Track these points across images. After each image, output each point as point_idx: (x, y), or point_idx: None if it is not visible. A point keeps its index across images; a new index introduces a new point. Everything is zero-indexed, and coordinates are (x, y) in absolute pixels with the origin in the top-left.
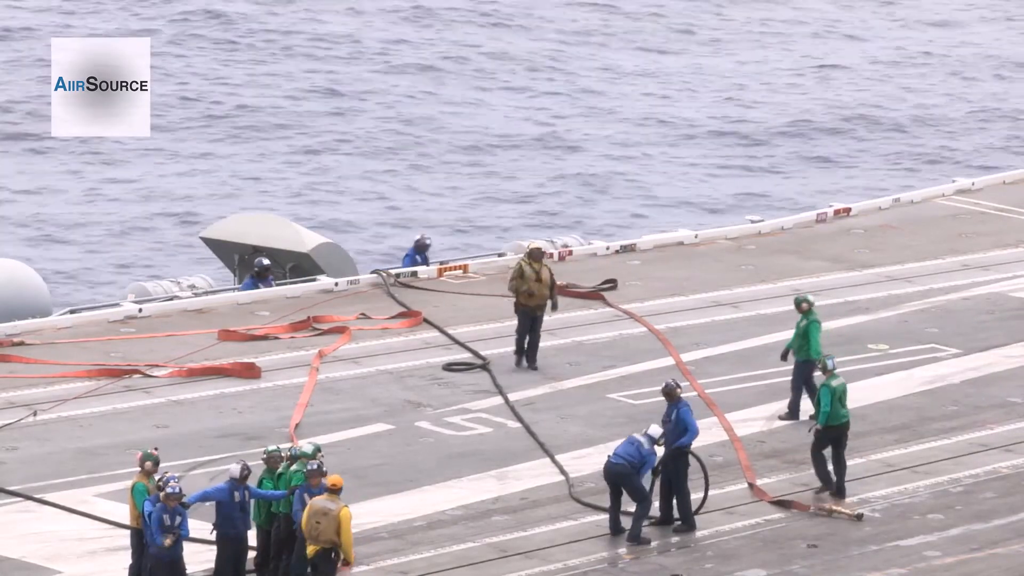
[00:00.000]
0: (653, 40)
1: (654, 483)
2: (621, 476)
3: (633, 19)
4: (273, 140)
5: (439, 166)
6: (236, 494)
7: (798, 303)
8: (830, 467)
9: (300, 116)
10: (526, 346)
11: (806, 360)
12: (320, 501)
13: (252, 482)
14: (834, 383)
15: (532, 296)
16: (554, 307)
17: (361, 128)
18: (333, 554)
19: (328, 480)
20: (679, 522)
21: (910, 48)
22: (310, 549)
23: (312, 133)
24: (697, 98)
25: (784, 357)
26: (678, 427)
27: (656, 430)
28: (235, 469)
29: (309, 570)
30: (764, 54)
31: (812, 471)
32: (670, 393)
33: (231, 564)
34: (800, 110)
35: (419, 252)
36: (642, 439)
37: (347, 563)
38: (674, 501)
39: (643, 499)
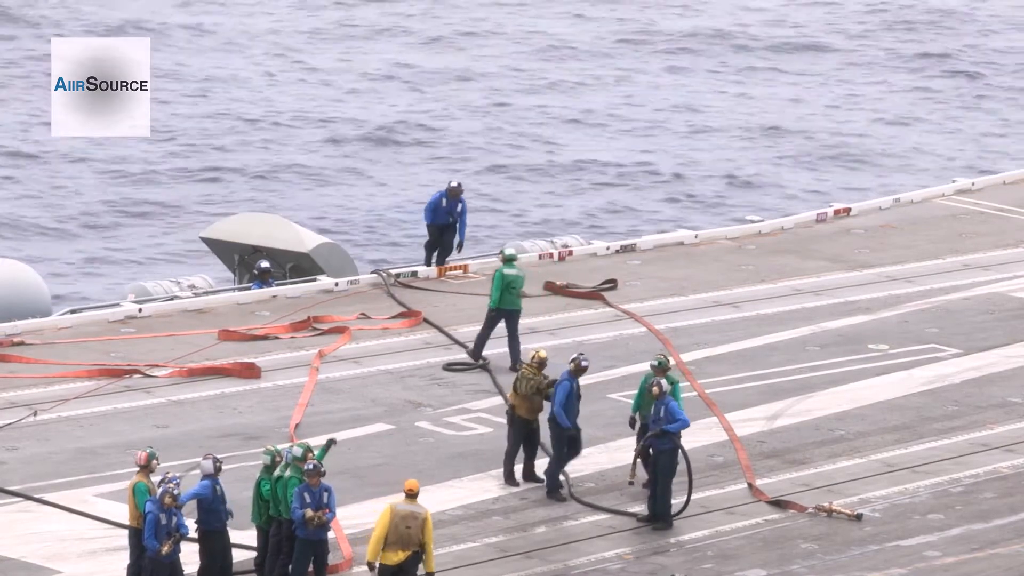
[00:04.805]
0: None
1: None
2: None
3: None
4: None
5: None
6: (217, 488)
7: (502, 253)
8: None
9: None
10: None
11: (511, 310)
12: (404, 506)
13: (250, 481)
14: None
15: (529, 409)
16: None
17: (362, 128)
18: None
19: (407, 485)
20: (650, 518)
21: None
22: (397, 556)
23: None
24: None
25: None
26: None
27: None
28: (208, 465)
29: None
30: None
31: (811, 471)
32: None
33: (219, 558)
34: None
35: (451, 198)
36: None
37: (372, 567)
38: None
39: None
